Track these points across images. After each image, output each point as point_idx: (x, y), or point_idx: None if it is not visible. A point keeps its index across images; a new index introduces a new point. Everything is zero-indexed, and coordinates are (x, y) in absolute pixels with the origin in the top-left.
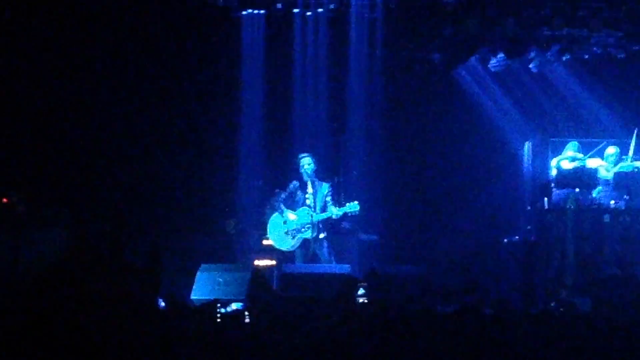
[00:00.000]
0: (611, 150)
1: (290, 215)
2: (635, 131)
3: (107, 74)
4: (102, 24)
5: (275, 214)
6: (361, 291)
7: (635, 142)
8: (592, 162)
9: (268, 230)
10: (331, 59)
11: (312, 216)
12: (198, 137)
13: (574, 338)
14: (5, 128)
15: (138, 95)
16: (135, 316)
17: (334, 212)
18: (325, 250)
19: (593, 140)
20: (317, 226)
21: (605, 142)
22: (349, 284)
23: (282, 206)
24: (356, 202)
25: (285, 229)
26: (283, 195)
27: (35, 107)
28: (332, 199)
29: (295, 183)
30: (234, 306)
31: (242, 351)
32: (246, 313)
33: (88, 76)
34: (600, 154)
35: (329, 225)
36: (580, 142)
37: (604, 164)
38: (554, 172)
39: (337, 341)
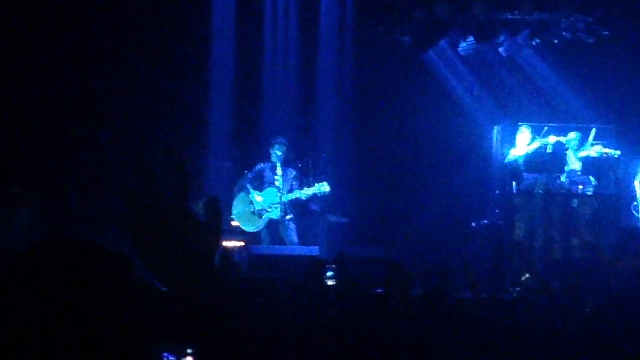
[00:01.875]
0: (572, 135)
1: (257, 196)
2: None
3: (76, 49)
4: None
5: (242, 194)
6: (329, 273)
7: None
8: (554, 139)
9: (233, 210)
10: (301, 40)
11: (280, 196)
12: (166, 116)
13: (542, 322)
14: None
15: (105, 71)
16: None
17: (303, 192)
18: (291, 232)
19: (561, 124)
20: (284, 207)
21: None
22: (317, 265)
23: (249, 186)
24: (325, 183)
25: (252, 208)
26: (250, 176)
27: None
28: (299, 183)
29: (262, 164)
30: None
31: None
32: None
33: (55, 52)
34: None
35: (297, 207)
36: (548, 127)
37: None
38: (516, 158)
39: (306, 323)
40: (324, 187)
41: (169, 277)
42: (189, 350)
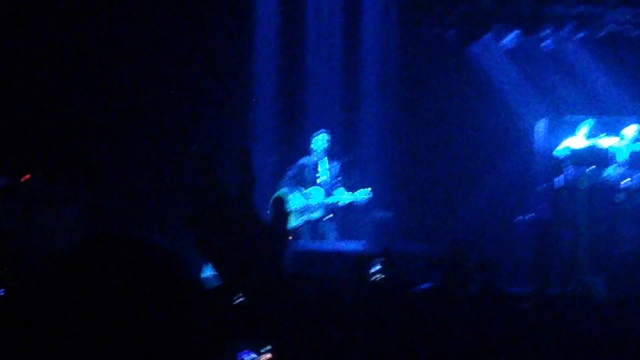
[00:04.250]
0: (630, 129)
1: (299, 194)
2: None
3: (116, 50)
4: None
5: (284, 190)
6: (376, 268)
7: None
8: (607, 141)
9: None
10: (345, 35)
11: (322, 198)
12: (210, 114)
13: (589, 320)
14: (17, 104)
15: (151, 71)
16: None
17: (343, 198)
18: (331, 230)
19: (607, 118)
20: (326, 207)
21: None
22: (363, 261)
23: (291, 183)
24: (368, 189)
25: (292, 207)
26: (291, 173)
27: (53, 84)
28: (343, 180)
29: (304, 160)
30: None
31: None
32: None
33: (104, 54)
34: (617, 132)
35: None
36: (594, 120)
37: (620, 143)
38: (566, 151)
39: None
40: (365, 194)
41: (233, 280)
42: (266, 349)
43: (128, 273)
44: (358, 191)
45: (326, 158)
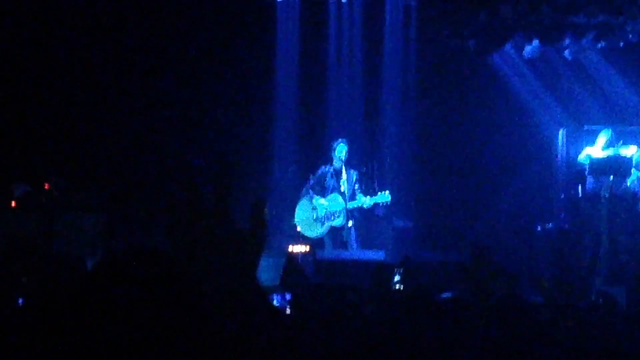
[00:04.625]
0: None
1: (321, 201)
2: None
3: (141, 59)
4: (138, 6)
5: (304, 200)
6: (396, 278)
7: None
8: (628, 151)
9: (296, 215)
10: (366, 45)
11: (344, 203)
12: (232, 121)
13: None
14: (40, 113)
15: (172, 80)
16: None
17: (365, 202)
18: (353, 238)
19: (627, 127)
20: (347, 214)
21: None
22: (383, 271)
23: (312, 192)
24: (387, 192)
25: (315, 215)
26: (312, 181)
27: (72, 92)
28: (361, 188)
29: (324, 168)
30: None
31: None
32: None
33: (123, 60)
34: (637, 142)
35: (362, 211)
36: (614, 130)
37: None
38: (586, 160)
39: (374, 329)
40: (385, 197)
41: (210, 288)
42: None
43: (148, 285)
44: (378, 194)
45: (346, 167)
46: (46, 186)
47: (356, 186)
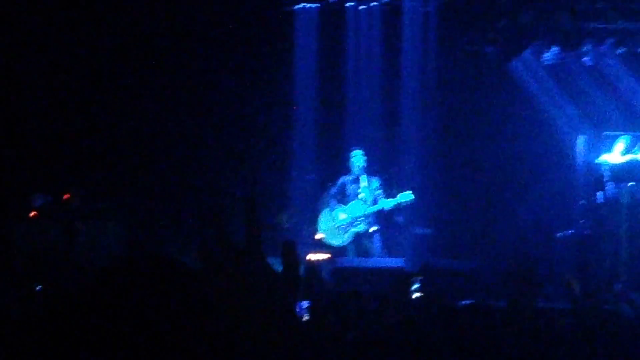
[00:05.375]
0: None
1: (341, 212)
2: None
3: (161, 70)
4: (159, 15)
5: (326, 209)
6: (415, 286)
7: None
8: None
9: (319, 225)
10: (384, 52)
11: (364, 209)
12: (251, 130)
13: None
14: (60, 124)
15: (191, 91)
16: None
17: (387, 203)
18: (377, 244)
19: None
20: (369, 220)
21: None
22: (402, 278)
23: (333, 201)
24: (409, 192)
25: (337, 223)
26: (333, 190)
27: (92, 103)
28: (383, 193)
29: (344, 177)
30: None
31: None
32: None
33: (140, 68)
34: None
35: (382, 218)
36: (632, 136)
37: None
38: (605, 165)
39: (392, 336)
40: (407, 196)
41: (248, 330)
42: None
43: (157, 290)
44: (399, 195)
45: (365, 174)
46: (66, 196)
47: (378, 192)
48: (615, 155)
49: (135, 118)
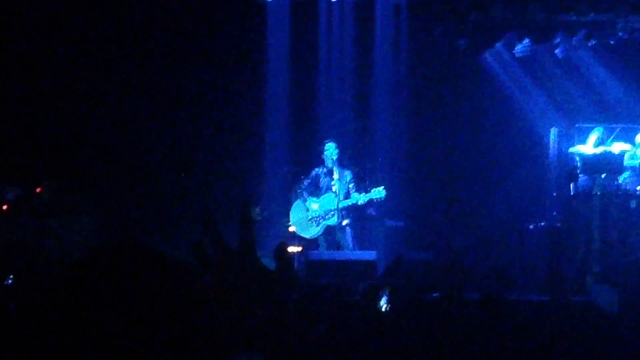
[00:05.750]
0: None
1: (314, 203)
2: None
3: (130, 60)
4: (128, 9)
5: (298, 201)
6: (384, 299)
7: None
8: (619, 147)
9: (291, 217)
10: (356, 45)
11: (337, 202)
12: (223, 123)
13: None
14: (31, 118)
15: (162, 81)
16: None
17: (360, 198)
18: (348, 237)
19: (619, 125)
20: (341, 213)
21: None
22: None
23: (305, 193)
24: (382, 188)
25: (309, 215)
26: (306, 182)
27: (60, 97)
28: (355, 186)
29: (318, 169)
30: None
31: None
32: None
33: (110, 63)
34: (630, 140)
35: (354, 211)
36: (605, 128)
37: (631, 150)
38: (578, 155)
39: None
40: (380, 192)
41: (244, 329)
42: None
43: (133, 279)
44: (372, 191)
45: (338, 167)
46: (37, 190)
47: (351, 185)
48: (589, 146)
49: (105, 110)
